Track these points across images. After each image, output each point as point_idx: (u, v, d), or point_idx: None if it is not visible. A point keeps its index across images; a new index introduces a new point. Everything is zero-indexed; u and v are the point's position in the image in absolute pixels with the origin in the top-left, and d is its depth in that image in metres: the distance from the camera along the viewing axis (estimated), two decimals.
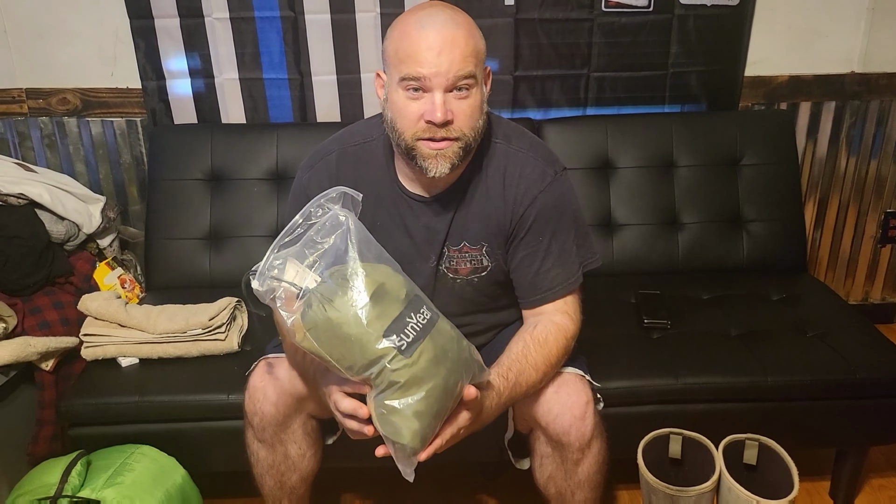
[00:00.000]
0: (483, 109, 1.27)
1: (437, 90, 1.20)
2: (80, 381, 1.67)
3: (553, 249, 1.36)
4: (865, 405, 1.68)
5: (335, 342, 1.07)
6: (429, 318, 1.12)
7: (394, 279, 1.12)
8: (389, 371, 1.07)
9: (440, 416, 1.13)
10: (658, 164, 2.13)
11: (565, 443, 1.32)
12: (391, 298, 1.10)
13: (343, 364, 1.08)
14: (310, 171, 1.39)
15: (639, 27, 2.17)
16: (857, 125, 2.33)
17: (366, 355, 1.07)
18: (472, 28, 1.24)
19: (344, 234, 1.10)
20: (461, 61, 1.19)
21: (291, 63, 2.17)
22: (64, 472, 1.45)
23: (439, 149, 1.24)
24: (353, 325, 1.06)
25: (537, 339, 1.31)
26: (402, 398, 1.08)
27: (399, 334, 1.08)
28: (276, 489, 1.47)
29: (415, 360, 1.08)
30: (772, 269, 2.11)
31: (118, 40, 2.14)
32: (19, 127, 2.22)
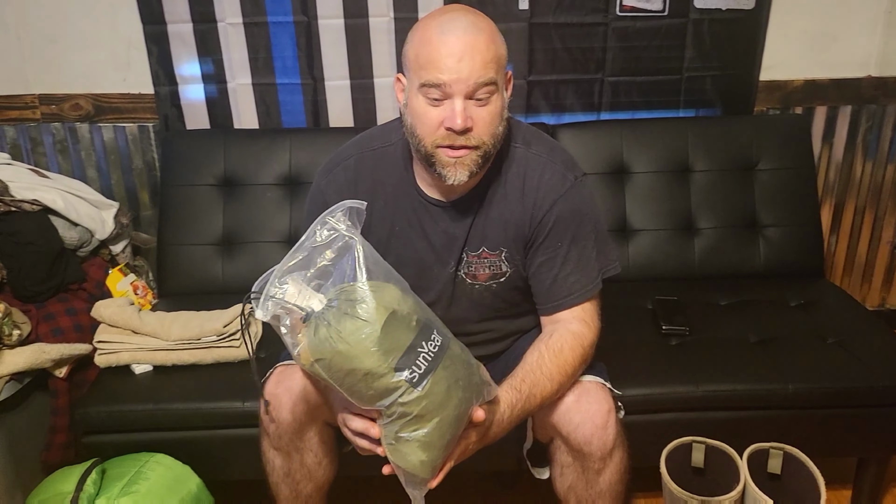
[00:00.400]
0: (503, 115, 1.25)
1: (458, 97, 1.18)
2: (94, 388, 1.66)
3: (572, 255, 1.34)
4: (888, 413, 1.65)
5: (344, 374, 1.04)
6: (440, 343, 1.09)
7: (404, 303, 1.08)
8: (400, 404, 1.05)
9: (451, 444, 1.12)
10: (673, 168, 2.11)
11: (587, 452, 1.31)
12: (403, 326, 1.06)
13: (352, 395, 1.06)
14: (328, 177, 1.38)
15: (653, 31, 2.16)
16: (873, 129, 2.31)
17: (376, 388, 1.04)
18: (493, 33, 1.22)
19: (352, 256, 1.06)
20: (482, 68, 1.17)
21: (304, 68, 2.16)
22: (79, 481, 1.44)
23: (458, 157, 1.22)
24: (364, 360, 1.02)
25: (552, 349, 1.29)
26: (413, 430, 1.06)
27: (411, 367, 1.05)
28: (292, 498, 1.45)
29: (426, 392, 1.05)
30: (789, 274, 2.08)
31: (131, 46, 2.14)
32: (32, 133, 2.21)
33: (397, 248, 1.36)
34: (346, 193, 1.35)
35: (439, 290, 1.39)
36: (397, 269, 1.37)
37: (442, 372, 1.07)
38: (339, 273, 1.05)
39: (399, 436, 1.07)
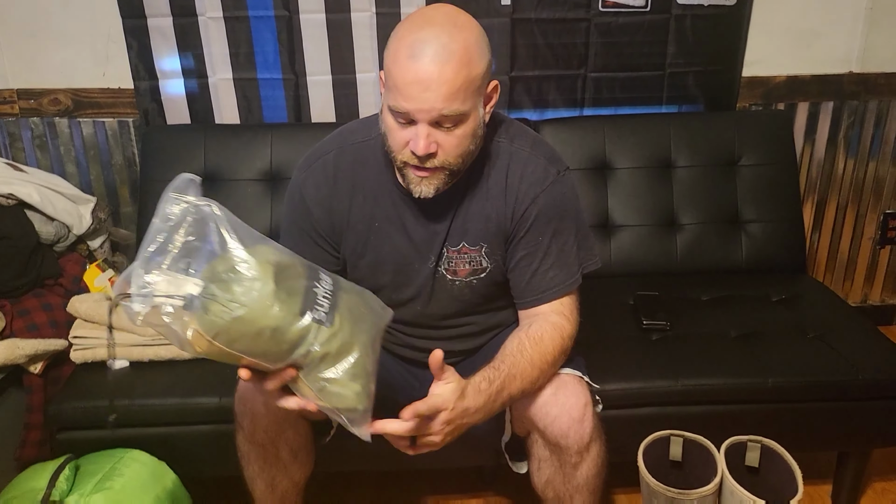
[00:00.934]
0: (477, 133, 1.22)
1: (422, 123, 1.16)
2: (69, 384, 1.64)
3: (552, 250, 1.33)
4: (867, 407, 1.65)
5: (250, 339, 1.01)
6: (331, 281, 1.11)
7: (283, 256, 1.07)
8: (318, 345, 1.04)
9: (374, 367, 1.12)
10: (656, 164, 2.11)
11: (563, 445, 1.30)
12: (291, 274, 1.05)
13: (266, 357, 1.03)
14: (306, 171, 1.37)
15: (636, 27, 2.16)
16: (855, 126, 2.32)
17: (288, 340, 1.02)
18: (468, 53, 1.14)
19: (212, 223, 1.01)
20: (447, 99, 1.13)
21: (286, 63, 2.15)
22: (52, 477, 1.42)
23: (423, 176, 1.21)
24: (268, 315, 1.00)
25: (533, 337, 1.29)
26: (337, 366, 1.06)
27: (314, 307, 1.04)
28: (268, 493, 1.44)
29: (339, 326, 1.06)
30: (771, 269, 2.09)
31: (110, 40, 2.12)
32: (10, 127, 2.19)
33: (377, 243, 1.35)
34: (325, 189, 1.34)
35: (419, 285, 1.38)
36: (377, 265, 1.38)
37: (344, 304, 1.09)
38: (206, 245, 1.00)
39: (326, 377, 1.05)
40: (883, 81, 2.27)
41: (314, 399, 1.08)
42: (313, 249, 1.37)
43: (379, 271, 1.38)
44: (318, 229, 1.36)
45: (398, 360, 1.50)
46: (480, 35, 1.19)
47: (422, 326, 1.44)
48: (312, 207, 1.35)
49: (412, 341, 1.47)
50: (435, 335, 1.44)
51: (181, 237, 1.00)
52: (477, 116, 1.20)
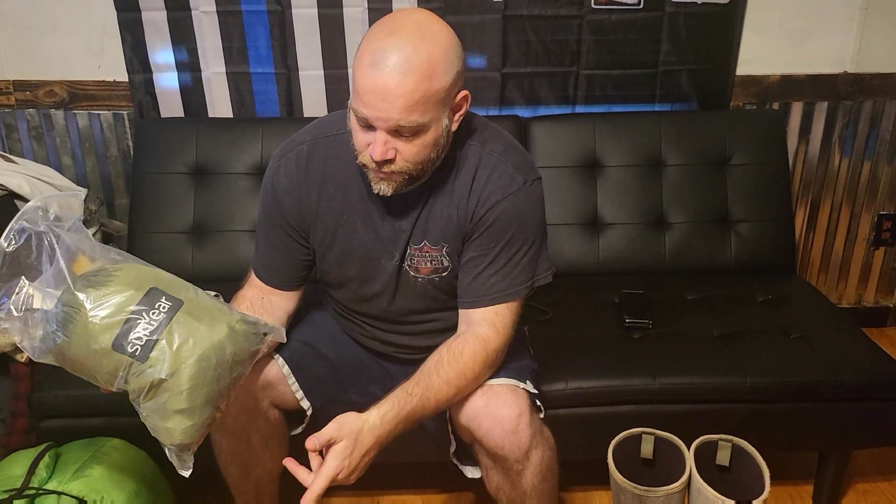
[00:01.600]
0: (439, 142, 1.22)
1: (381, 130, 1.16)
2: (53, 373, 1.65)
3: (501, 258, 1.32)
4: (848, 408, 1.65)
5: (75, 364, 1.06)
6: (168, 307, 1.07)
7: (128, 274, 1.08)
8: (132, 379, 1.05)
9: (210, 403, 1.10)
10: (646, 162, 2.11)
11: (501, 455, 1.30)
12: (115, 302, 1.05)
13: (96, 381, 1.08)
14: (279, 160, 1.38)
15: (629, 25, 2.15)
16: (849, 126, 2.30)
17: (105, 370, 1.05)
18: (430, 69, 1.13)
19: (50, 252, 1.07)
20: (404, 111, 1.13)
21: (278, 57, 2.16)
22: (31, 465, 1.44)
23: (382, 176, 1.22)
24: (84, 347, 1.04)
25: (453, 353, 1.28)
26: (153, 400, 1.06)
27: (131, 340, 1.04)
28: (242, 480, 1.45)
29: (152, 363, 1.04)
30: (760, 270, 2.08)
31: (105, 33, 2.14)
32: (6, 119, 2.22)
33: (344, 237, 1.36)
34: (296, 179, 1.35)
35: (385, 281, 1.38)
36: (344, 258, 1.39)
37: (170, 336, 1.06)
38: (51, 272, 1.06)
39: (146, 407, 1.06)
40: (878, 82, 2.25)
41: None
42: (284, 239, 1.39)
43: (346, 264, 1.39)
44: (287, 219, 1.37)
45: (369, 352, 1.51)
46: (449, 46, 1.17)
47: (388, 321, 1.45)
48: (282, 197, 1.36)
49: (380, 335, 1.48)
50: (401, 330, 1.45)
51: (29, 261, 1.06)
52: (439, 127, 1.20)
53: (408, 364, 1.48)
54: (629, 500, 1.37)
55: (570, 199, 2.09)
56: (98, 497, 1.43)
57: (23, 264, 1.06)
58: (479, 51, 2.16)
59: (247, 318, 1.16)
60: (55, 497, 1.41)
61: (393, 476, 1.90)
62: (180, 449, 1.10)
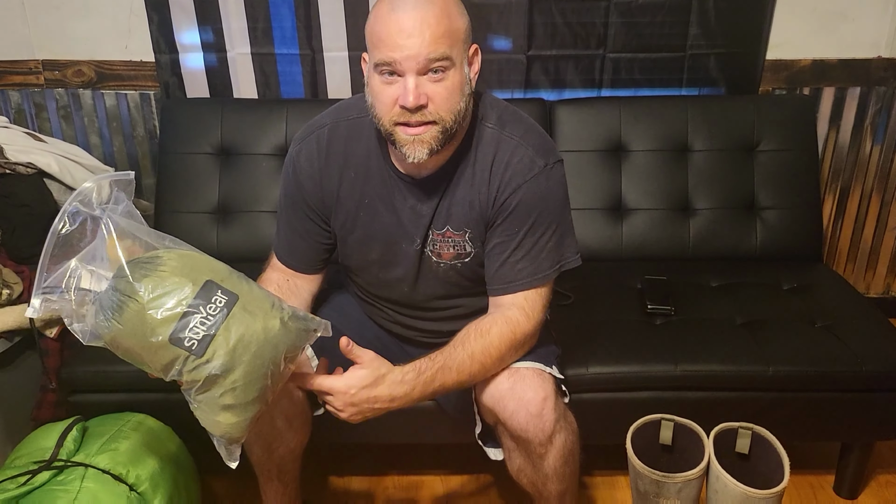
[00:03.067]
0: (464, 91, 1.22)
1: (410, 74, 1.16)
2: (83, 349, 1.67)
3: (526, 242, 1.31)
4: (871, 399, 1.63)
5: (129, 353, 1.06)
6: (225, 302, 1.06)
7: (180, 268, 1.06)
8: (186, 373, 1.05)
9: (260, 398, 1.10)
10: (672, 147, 2.09)
11: (525, 438, 1.31)
12: (174, 294, 1.04)
13: (147, 369, 1.07)
14: (300, 143, 1.38)
15: (657, 7, 2.12)
16: (882, 112, 2.26)
17: (160, 362, 1.04)
18: (448, 5, 1.18)
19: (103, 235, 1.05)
20: (432, 43, 1.14)
21: (303, 39, 2.16)
22: (60, 437, 1.48)
23: (416, 134, 1.20)
24: (138, 337, 1.03)
25: (480, 329, 1.29)
26: (206, 394, 1.06)
27: (188, 335, 1.03)
28: (265, 459, 1.47)
29: (209, 358, 1.04)
30: (786, 258, 2.05)
31: (132, 13, 2.15)
32: (35, 98, 2.25)
33: (366, 220, 1.36)
34: (317, 163, 1.35)
35: (406, 265, 1.39)
36: (365, 242, 1.39)
37: (225, 333, 1.05)
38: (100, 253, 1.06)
39: (198, 399, 1.07)
40: None
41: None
42: (305, 223, 1.40)
43: (367, 248, 1.39)
44: (308, 202, 1.38)
45: (392, 336, 1.52)
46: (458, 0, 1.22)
47: (410, 307, 1.45)
48: (304, 181, 1.37)
49: (402, 319, 1.48)
50: (423, 315, 1.46)
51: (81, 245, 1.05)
52: (462, 72, 1.21)
53: (431, 348, 1.48)
54: (647, 486, 1.37)
55: (594, 183, 2.08)
56: (124, 470, 1.47)
57: (75, 246, 1.06)
58: (505, 33, 2.15)
59: (297, 314, 1.15)
60: (82, 469, 1.44)
61: (412, 457, 1.92)
62: (229, 441, 1.12)
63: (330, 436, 1.57)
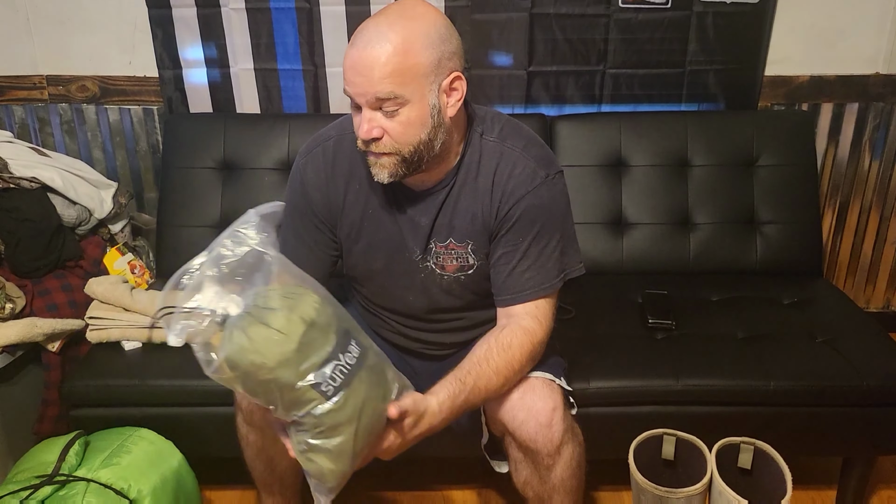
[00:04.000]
0: (429, 122, 1.21)
1: (365, 107, 1.19)
2: (84, 363, 1.70)
3: (531, 252, 1.33)
4: (873, 414, 1.63)
5: (258, 384, 1.03)
6: (358, 354, 1.09)
7: (323, 312, 1.07)
8: (313, 416, 1.05)
9: (363, 451, 1.13)
10: (672, 162, 2.10)
11: (533, 449, 1.31)
12: (320, 337, 1.05)
13: (268, 403, 1.06)
14: (306, 157, 1.40)
15: (656, 24, 2.14)
16: (880, 128, 2.27)
17: (290, 400, 1.04)
18: (407, 43, 1.15)
19: (265, 268, 1.05)
20: (378, 83, 1.15)
21: (306, 54, 2.18)
22: (62, 452, 1.48)
23: (375, 160, 1.24)
24: (278, 372, 1.02)
25: (501, 344, 1.29)
26: (325, 440, 1.07)
27: (326, 380, 1.04)
28: (267, 473, 1.47)
29: (340, 406, 1.05)
30: (786, 272, 2.06)
31: (136, 29, 2.17)
32: (39, 113, 2.26)
33: (370, 229, 1.38)
34: (323, 174, 1.37)
35: (410, 276, 1.39)
36: (370, 252, 1.40)
37: (358, 384, 1.07)
38: (249, 287, 1.04)
39: (311, 443, 1.07)
40: None
41: (295, 453, 1.11)
42: (313, 233, 1.41)
43: (371, 258, 1.40)
44: (316, 212, 1.39)
45: (394, 348, 1.53)
46: (433, 27, 1.19)
47: (413, 318, 1.46)
48: (311, 191, 1.38)
49: (406, 331, 1.49)
50: (426, 327, 1.46)
51: (236, 273, 1.02)
52: (424, 105, 1.20)
53: (433, 360, 1.49)
54: (650, 501, 1.37)
55: (594, 198, 2.09)
56: (126, 485, 1.47)
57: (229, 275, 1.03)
58: (506, 49, 2.17)
59: (400, 378, 1.19)
60: (84, 484, 1.44)
61: (415, 471, 1.92)
62: (329, 490, 1.12)
63: None
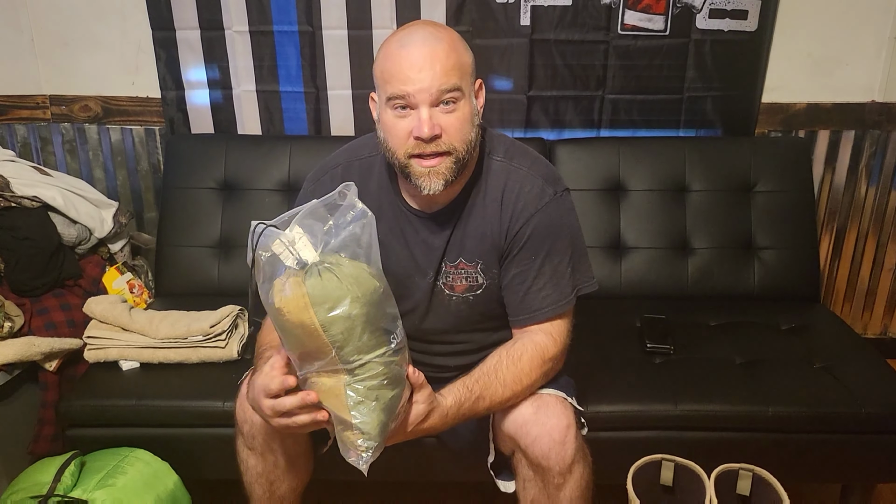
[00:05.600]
0: (474, 122, 1.27)
1: (423, 106, 1.20)
2: (81, 382, 1.69)
3: (546, 270, 1.34)
4: (871, 440, 1.63)
5: (338, 321, 1.06)
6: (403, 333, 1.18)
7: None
8: (379, 364, 1.10)
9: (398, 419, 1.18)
10: (670, 187, 2.11)
11: (545, 466, 1.30)
12: (388, 300, 1.14)
13: (335, 344, 1.07)
14: (315, 182, 1.41)
15: (655, 50, 2.16)
16: (877, 155, 2.29)
17: (367, 342, 1.08)
18: (454, 41, 1.24)
19: (368, 226, 1.12)
20: (443, 75, 1.20)
21: (308, 77, 2.20)
22: (57, 472, 1.47)
23: (431, 166, 1.24)
24: (367, 305, 1.07)
25: (511, 356, 1.31)
26: (381, 391, 1.11)
27: (396, 332, 1.14)
28: (266, 498, 1.46)
29: (399, 362, 1.14)
30: (783, 298, 2.07)
31: (140, 50, 2.19)
32: (42, 132, 2.28)
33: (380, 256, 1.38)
34: None
35: (417, 299, 1.40)
36: None
37: (407, 353, 1.18)
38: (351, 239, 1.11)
39: (369, 392, 1.10)
40: None
41: (340, 409, 1.11)
42: None
43: None
44: None
45: None
46: (459, 36, 1.27)
47: (419, 340, 1.45)
48: None
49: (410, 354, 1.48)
50: (431, 350, 1.46)
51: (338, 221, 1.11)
52: (471, 104, 1.25)
53: (435, 383, 1.49)
54: None
55: (593, 222, 2.09)
56: None
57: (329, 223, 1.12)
58: (506, 74, 2.19)
59: None
60: None
61: (415, 494, 1.91)
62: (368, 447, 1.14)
63: (331, 473, 1.56)
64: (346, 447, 1.15)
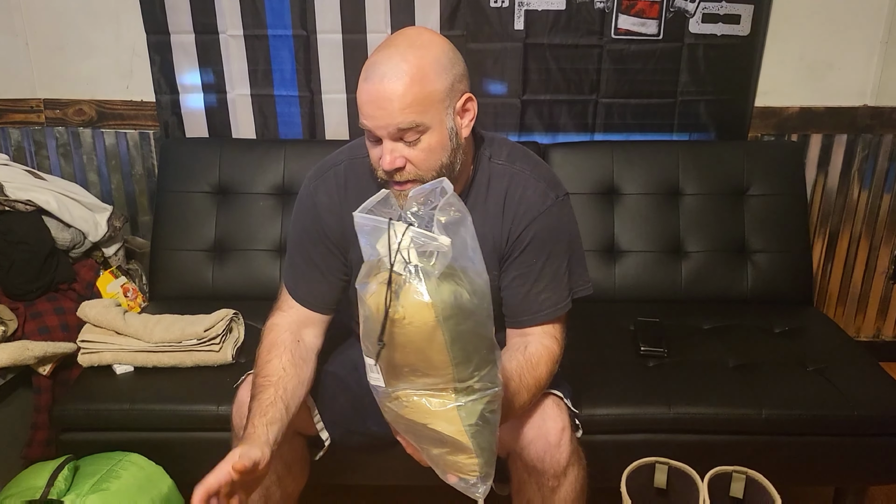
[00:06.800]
0: (449, 145, 1.23)
1: (385, 140, 1.20)
2: (75, 386, 1.69)
3: (546, 272, 1.35)
4: (864, 443, 1.64)
5: (464, 337, 1.01)
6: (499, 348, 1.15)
7: None
8: (489, 383, 1.06)
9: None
10: (664, 191, 2.12)
11: (540, 469, 1.31)
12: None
13: (455, 361, 1.01)
14: (317, 181, 1.40)
15: (648, 55, 2.17)
16: (869, 159, 2.30)
17: (484, 356, 1.04)
18: (423, 70, 1.17)
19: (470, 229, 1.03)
20: (398, 113, 1.16)
21: (302, 81, 2.20)
22: (51, 476, 1.47)
23: (401, 190, 1.24)
24: (487, 320, 1.04)
25: (530, 362, 1.30)
26: (492, 411, 1.08)
27: (498, 349, 1.09)
28: (261, 503, 1.46)
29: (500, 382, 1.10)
30: (776, 301, 2.08)
31: (135, 54, 2.19)
32: (36, 136, 2.28)
33: None
34: (336, 197, 1.37)
35: None
36: None
37: None
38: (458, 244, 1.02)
39: (485, 415, 1.07)
40: None
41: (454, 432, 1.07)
42: (327, 257, 1.40)
43: None
44: (329, 236, 1.39)
45: None
46: (442, 53, 1.21)
47: None
48: (324, 215, 1.38)
49: None
50: None
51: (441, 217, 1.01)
52: (443, 129, 1.21)
53: None
54: None
55: (587, 225, 2.10)
56: None
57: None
58: (500, 78, 2.19)
59: None
60: None
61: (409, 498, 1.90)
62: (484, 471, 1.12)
63: (326, 478, 1.56)
64: (452, 471, 1.13)
